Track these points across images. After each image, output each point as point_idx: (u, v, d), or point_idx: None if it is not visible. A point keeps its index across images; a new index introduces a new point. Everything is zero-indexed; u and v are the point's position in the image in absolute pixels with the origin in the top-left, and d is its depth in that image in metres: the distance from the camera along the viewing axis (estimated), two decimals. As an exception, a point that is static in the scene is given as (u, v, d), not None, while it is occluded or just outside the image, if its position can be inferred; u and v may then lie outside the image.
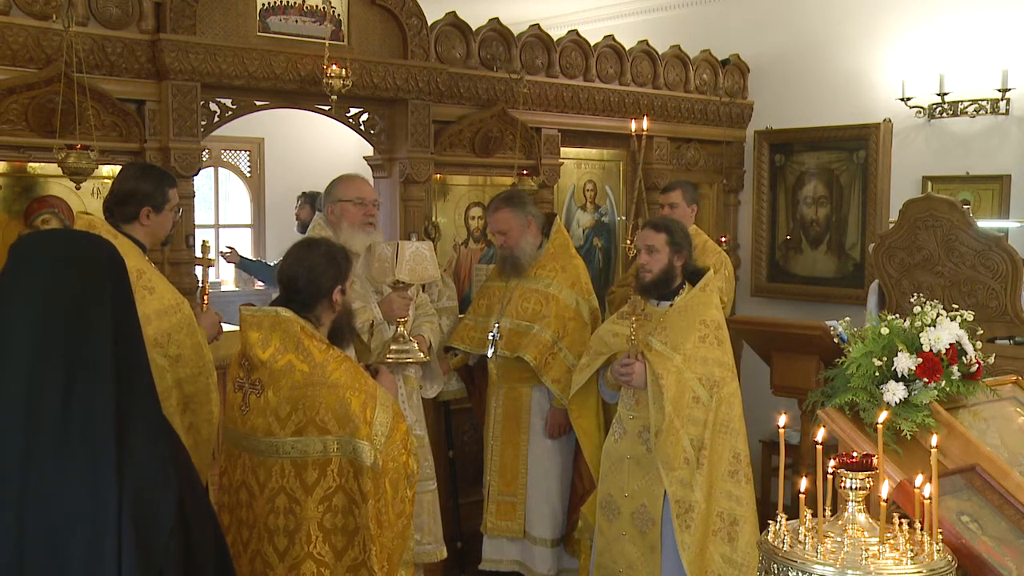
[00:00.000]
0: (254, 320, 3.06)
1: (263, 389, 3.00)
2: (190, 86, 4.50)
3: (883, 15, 6.50)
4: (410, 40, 5.22)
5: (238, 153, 9.89)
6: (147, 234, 3.64)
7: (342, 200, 4.41)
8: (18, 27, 4.08)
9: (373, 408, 2.97)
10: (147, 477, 1.99)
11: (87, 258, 2.08)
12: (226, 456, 3.17)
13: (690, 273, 4.26)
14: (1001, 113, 6.00)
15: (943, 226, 4.79)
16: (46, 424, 1.93)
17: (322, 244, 3.28)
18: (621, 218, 6.63)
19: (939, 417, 2.81)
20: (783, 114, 7.02)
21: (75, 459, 1.93)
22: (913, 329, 2.93)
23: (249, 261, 8.03)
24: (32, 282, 2.02)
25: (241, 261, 7.71)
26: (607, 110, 6.33)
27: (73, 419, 1.94)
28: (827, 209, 6.84)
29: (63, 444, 1.94)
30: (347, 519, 2.96)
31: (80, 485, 1.93)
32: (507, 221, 4.77)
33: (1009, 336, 4.62)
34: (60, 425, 1.93)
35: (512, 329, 4.73)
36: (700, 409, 3.99)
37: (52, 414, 1.93)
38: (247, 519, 3.04)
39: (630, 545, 4.12)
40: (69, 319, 1.98)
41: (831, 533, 2.08)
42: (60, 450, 1.94)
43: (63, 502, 1.93)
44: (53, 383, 1.94)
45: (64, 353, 1.96)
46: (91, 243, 2.17)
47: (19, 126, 4.13)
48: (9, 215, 4.17)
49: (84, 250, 2.11)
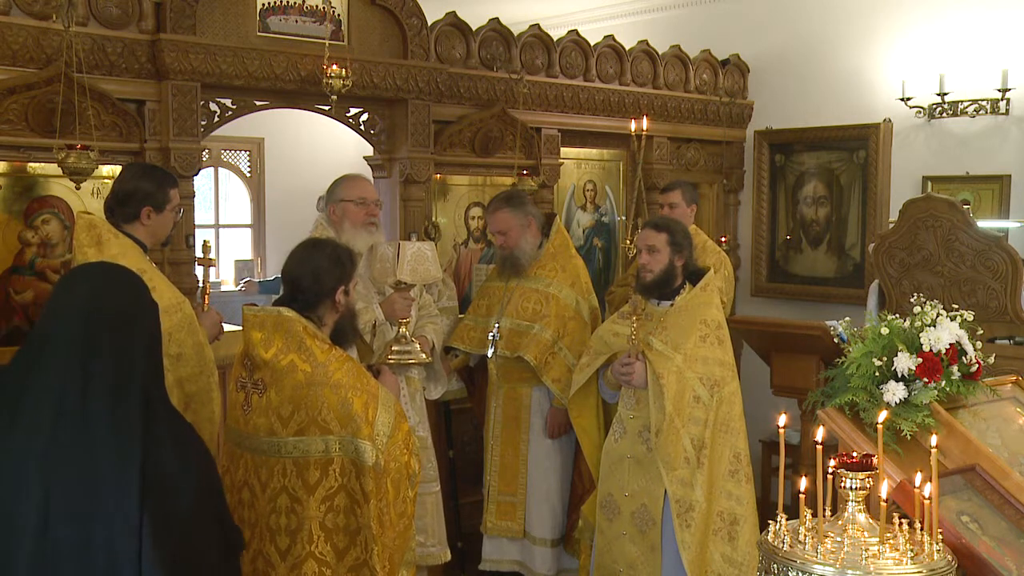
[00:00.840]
0: (257, 320, 3.06)
1: (265, 389, 3.00)
2: (190, 86, 4.50)
3: (883, 15, 6.50)
4: (410, 40, 5.22)
5: (238, 153, 9.90)
6: (148, 234, 3.64)
7: (344, 200, 4.40)
8: (18, 27, 4.08)
9: (375, 408, 2.97)
10: (168, 463, 2.13)
11: (132, 280, 2.37)
12: (228, 456, 3.17)
13: (691, 273, 4.26)
14: (1001, 113, 6.00)
15: (943, 226, 4.79)
16: (76, 418, 2.10)
17: (327, 244, 3.29)
18: (621, 218, 6.63)
19: (939, 417, 2.81)
20: (783, 114, 7.02)
21: (103, 451, 2.08)
22: (913, 329, 2.93)
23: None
24: (80, 296, 2.25)
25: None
26: (607, 110, 6.33)
27: (104, 414, 2.10)
28: (827, 209, 6.84)
29: (92, 437, 2.09)
30: (349, 519, 2.97)
31: (107, 473, 2.06)
32: (506, 221, 4.76)
33: (1009, 336, 4.62)
34: (93, 419, 2.10)
35: (512, 329, 4.73)
36: (701, 409, 4.00)
37: (86, 409, 2.10)
38: (249, 519, 3.04)
39: (630, 545, 4.12)
40: (114, 327, 2.20)
41: (831, 533, 2.08)
42: (89, 442, 2.08)
43: (89, 490, 2.06)
44: (94, 384, 2.13)
45: (109, 356, 2.15)
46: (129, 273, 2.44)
47: (19, 126, 4.13)
48: (9, 215, 4.18)
49: (127, 274, 2.40)
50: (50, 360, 2.14)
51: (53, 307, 2.26)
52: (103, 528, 2.03)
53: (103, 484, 2.05)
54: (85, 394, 2.10)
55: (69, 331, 2.17)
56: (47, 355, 2.15)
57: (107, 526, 2.03)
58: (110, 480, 2.06)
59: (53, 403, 2.10)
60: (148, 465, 2.08)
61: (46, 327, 2.22)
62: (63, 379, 2.11)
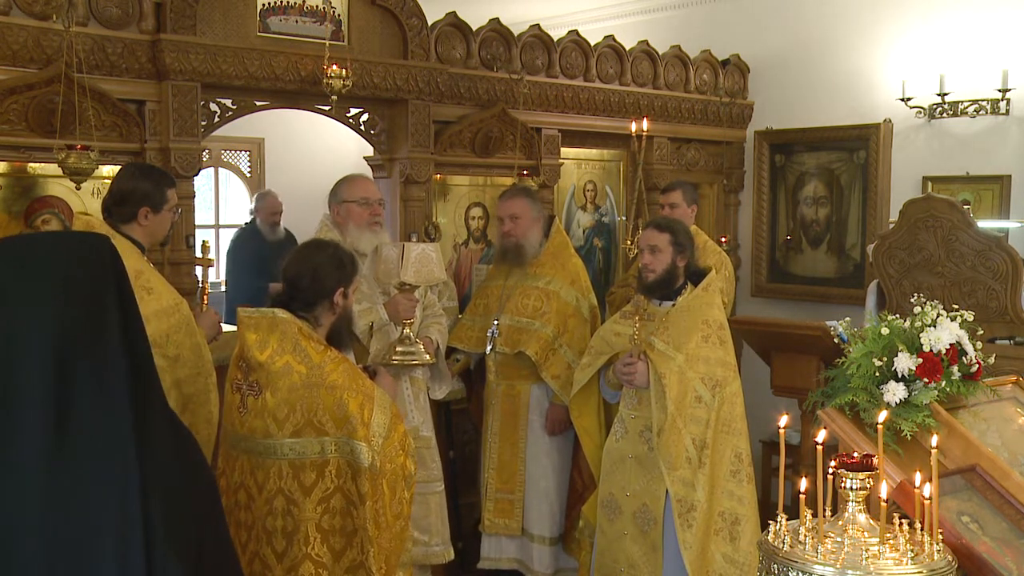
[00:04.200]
0: (251, 321, 3.05)
1: (261, 390, 2.99)
2: (190, 86, 4.50)
3: (883, 15, 6.50)
4: (410, 40, 5.22)
5: (238, 153, 9.89)
6: (145, 234, 3.64)
7: (347, 201, 4.41)
8: (18, 27, 4.08)
9: (371, 409, 2.97)
10: (169, 474, 1.99)
11: (92, 259, 2.04)
12: (224, 458, 3.16)
13: (692, 273, 4.26)
14: (1001, 113, 6.00)
15: (943, 226, 4.78)
16: (65, 425, 1.90)
17: (330, 246, 3.30)
18: (621, 218, 6.63)
19: (939, 417, 2.81)
20: (783, 114, 7.02)
21: (96, 464, 1.91)
22: (913, 329, 2.93)
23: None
24: (41, 286, 1.97)
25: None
26: (607, 110, 6.33)
27: (90, 422, 1.92)
28: (827, 209, 6.84)
29: (83, 447, 1.91)
30: (345, 520, 2.96)
31: (103, 489, 1.91)
32: (522, 207, 4.79)
33: (1009, 336, 4.62)
34: (78, 426, 1.91)
35: (512, 326, 4.73)
36: (702, 409, 4.00)
37: (70, 416, 1.90)
38: (245, 521, 3.04)
39: (632, 544, 4.12)
40: (82, 321, 1.95)
41: (831, 533, 2.07)
42: (80, 454, 1.91)
43: (88, 508, 1.90)
44: (68, 388, 1.91)
45: (80, 357, 1.92)
46: (91, 243, 2.12)
47: (19, 126, 4.13)
48: (9, 215, 4.17)
49: (87, 251, 2.06)
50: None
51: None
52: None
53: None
54: (64, 407, 1.89)
55: (35, 335, 1.92)
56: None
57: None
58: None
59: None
60: (150, 489, 1.92)
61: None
62: (42, 393, 1.89)
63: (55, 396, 1.89)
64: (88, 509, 1.90)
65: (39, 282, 1.97)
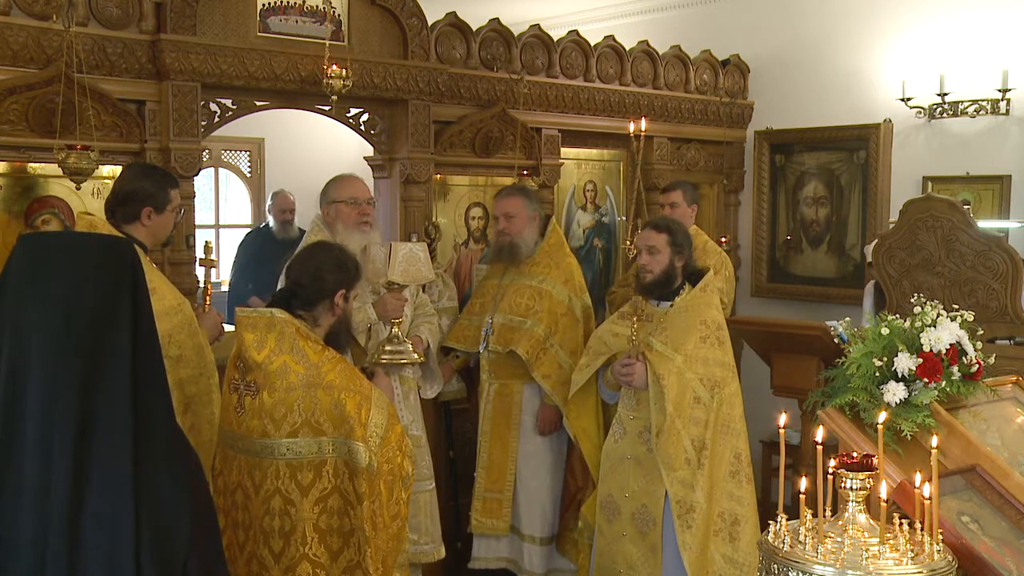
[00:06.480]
0: (249, 321, 3.05)
1: (258, 390, 2.99)
2: (190, 86, 4.50)
3: (883, 15, 6.50)
4: (410, 40, 5.22)
5: (238, 153, 9.89)
6: (148, 234, 3.64)
7: (336, 201, 4.41)
8: (18, 27, 4.08)
9: (368, 410, 2.97)
10: (164, 499, 1.97)
11: (107, 264, 2.01)
12: (221, 458, 3.16)
13: (690, 274, 4.26)
14: (1001, 113, 6.00)
15: (943, 226, 4.78)
16: (65, 441, 1.90)
17: (335, 248, 3.31)
18: (621, 218, 6.63)
19: (939, 417, 2.81)
20: (783, 114, 7.02)
21: (93, 481, 1.90)
22: (913, 329, 2.93)
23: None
24: (49, 288, 1.96)
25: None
26: (607, 110, 6.33)
27: (93, 437, 1.92)
28: (827, 209, 6.84)
29: (82, 462, 1.90)
30: (343, 520, 2.96)
31: (97, 507, 1.91)
32: (518, 206, 4.79)
33: (1009, 336, 4.62)
34: (79, 443, 1.91)
35: (504, 324, 4.73)
36: (701, 409, 4.00)
37: (71, 430, 1.90)
38: (243, 521, 3.04)
39: (631, 545, 4.12)
40: (90, 327, 1.94)
41: (831, 533, 2.07)
42: (78, 469, 1.90)
43: (81, 526, 1.90)
44: (71, 398, 1.91)
45: (82, 367, 1.92)
46: (109, 246, 2.08)
47: (19, 126, 4.13)
48: (9, 215, 4.17)
49: (103, 254, 2.03)
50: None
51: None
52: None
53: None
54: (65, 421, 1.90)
55: (39, 341, 1.93)
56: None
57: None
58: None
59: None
60: (143, 512, 1.93)
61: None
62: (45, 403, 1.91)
63: (59, 416, 1.90)
64: (81, 531, 1.90)
65: (47, 283, 1.96)
